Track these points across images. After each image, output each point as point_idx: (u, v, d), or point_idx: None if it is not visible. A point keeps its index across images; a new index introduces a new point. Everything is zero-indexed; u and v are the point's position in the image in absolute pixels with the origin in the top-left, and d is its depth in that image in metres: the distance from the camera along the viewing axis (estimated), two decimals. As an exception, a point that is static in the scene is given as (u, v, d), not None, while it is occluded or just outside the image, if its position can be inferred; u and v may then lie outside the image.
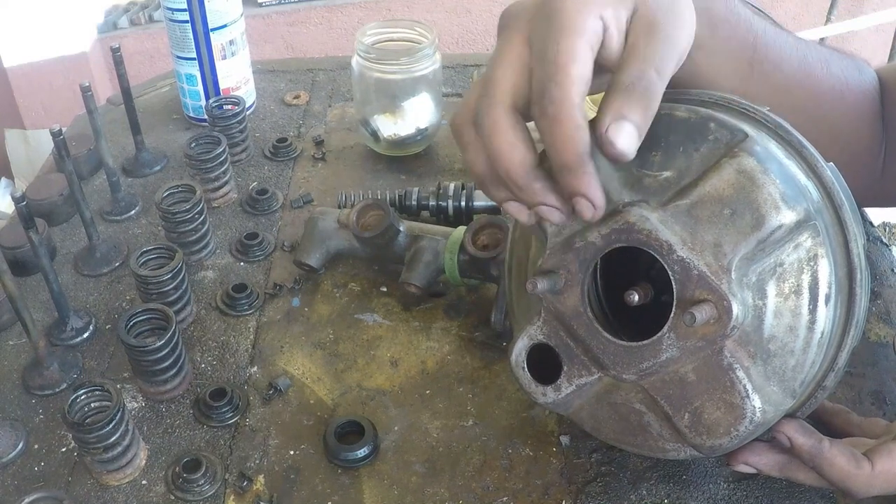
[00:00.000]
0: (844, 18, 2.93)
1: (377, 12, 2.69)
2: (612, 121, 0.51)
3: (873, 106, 0.79)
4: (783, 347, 0.54)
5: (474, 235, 0.81)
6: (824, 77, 0.74)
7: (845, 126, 0.77)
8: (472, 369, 0.78)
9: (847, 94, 0.76)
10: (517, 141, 0.53)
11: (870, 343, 0.80)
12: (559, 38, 0.51)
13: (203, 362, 0.80)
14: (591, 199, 0.52)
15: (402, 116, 1.05)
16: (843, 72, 0.76)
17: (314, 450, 0.71)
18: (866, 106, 0.78)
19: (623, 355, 0.56)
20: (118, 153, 1.08)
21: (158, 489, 0.68)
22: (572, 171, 0.51)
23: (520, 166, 0.53)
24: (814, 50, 0.74)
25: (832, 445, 0.57)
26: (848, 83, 0.76)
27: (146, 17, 2.55)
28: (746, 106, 0.58)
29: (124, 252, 0.93)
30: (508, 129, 0.53)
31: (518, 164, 0.53)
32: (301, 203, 1.00)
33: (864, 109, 0.78)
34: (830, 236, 0.54)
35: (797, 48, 0.72)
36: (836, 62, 0.76)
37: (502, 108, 0.53)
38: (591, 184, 0.52)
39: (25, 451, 0.71)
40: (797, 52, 0.72)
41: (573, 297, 0.58)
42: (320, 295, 0.87)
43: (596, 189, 0.52)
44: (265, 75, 1.27)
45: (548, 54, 0.51)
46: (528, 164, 0.53)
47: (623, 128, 0.51)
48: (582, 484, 0.68)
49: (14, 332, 0.83)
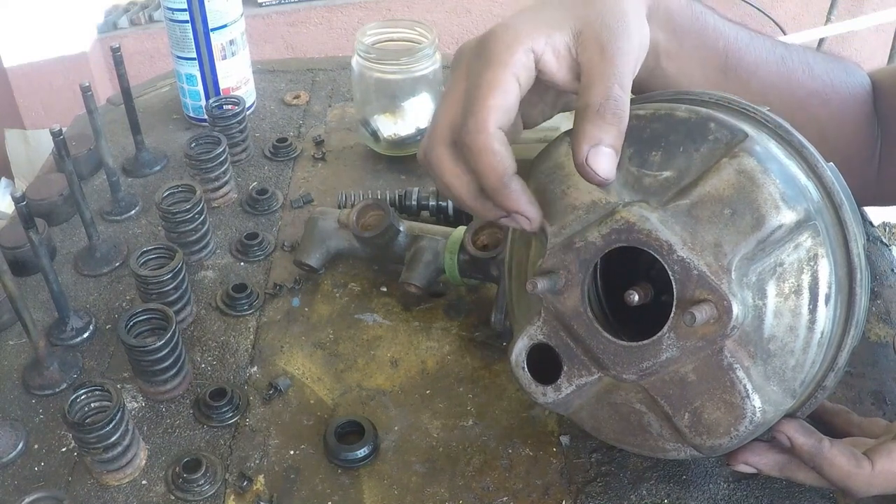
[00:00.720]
0: (844, 18, 2.93)
1: (377, 12, 2.69)
2: (589, 148, 0.53)
3: (864, 108, 0.78)
4: (783, 347, 0.54)
5: (474, 235, 0.81)
6: (806, 80, 0.74)
7: (833, 128, 0.77)
8: (472, 369, 0.78)
9: (832, 96, 0.76)
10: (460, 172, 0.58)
11: (870, 343, 0.80)
12: (484, 71, 0.56)
13: (203, 362, 0.80)
14: (524, 213, 0.57)
15: (402, 116, 1.05)
16: (828, 74, 0.76)
17: (314, 450, 0.71)
18: (856, 108, 0.78)
19: (623, 355, 0.56)
20: (118, 153, 1.08)
21: (158, 489, 0.68)
22: (499, 192, 0.56)
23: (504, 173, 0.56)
24: (794, 53, 0.74)
25: (832, 445, 0.57)
26: (833, 85, 0.76)
27: (146, 17, 2.55)
28: (746, 106, 0.58)
29: (124, 252, 0.93)
30: (446, 161, 0.58)
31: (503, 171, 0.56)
32: (301, 203, 1.00)
33: (854, 112, 0.78)
34: (830, 236, 0.54)
35: (775, 51, 0.73)
36: (820, 65, 0.76)
37: (441, 145, 0.58)
38: (520, 200, 0.56)
39: (25, 451, 0.71)
40: (775, 55, 0.73)
41: (573, 297, 0.58)
42: (320, 295, 0.87)
43: (526, 204, 0.56)
44: (265, 75, 1.27)
45: (470, 88, 0.56)
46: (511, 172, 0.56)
47: (601, 153, 0.53)
48: (582, 484, 0.68)
49: (14, 332, 0.83)
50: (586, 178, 0.54)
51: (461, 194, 0.58)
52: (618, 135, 0.54)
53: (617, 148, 0.54)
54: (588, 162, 0.53)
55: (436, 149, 0.59)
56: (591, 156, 0.53)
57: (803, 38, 2.77)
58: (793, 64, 0.74)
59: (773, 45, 0.73)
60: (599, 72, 0.54)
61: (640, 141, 0.57)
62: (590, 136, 0.53)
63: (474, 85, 0.56)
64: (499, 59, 0.55)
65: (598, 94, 0.54)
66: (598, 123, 0.53)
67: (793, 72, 0.74)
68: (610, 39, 0.55)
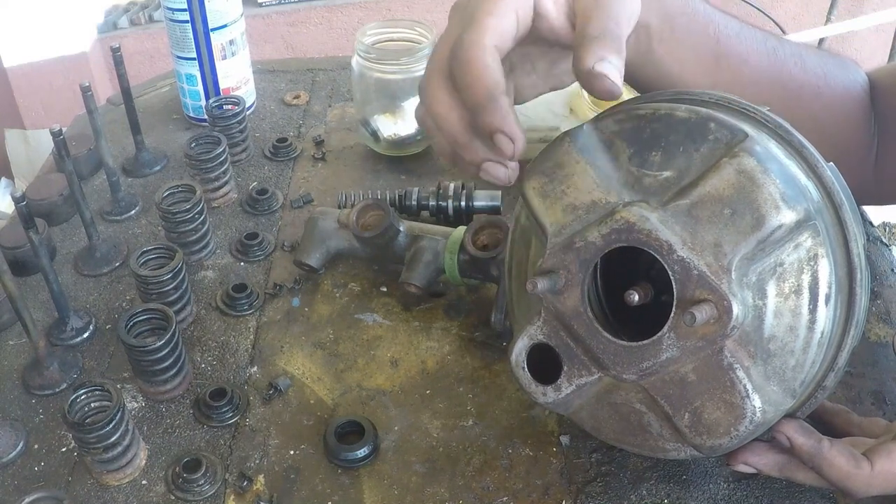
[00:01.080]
0: (844, 18, 2.93)
1: (377, 12, 2.69)
2: (594, 60, 0.53)
3: (860, 104, 0.78)
4: (783, 347, 0.54)
5: (474, 235, 0.81)
6: (798, 72, 0.74)
7: (829, 122, 0.77)
8: (472, 369, 0.78)
9: (825, 89, 0.76)
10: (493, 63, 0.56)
11: (870, 343, 0.80)
12: (482, 2, 0.56)
13: (203, 362, 0.80)
14: (509, 133, 0.55)
15: (402, 116, 1.05)
16: (821, 67, 0.76)
17: (314, 450, 0.71)
18: (851, 103, 0.78)
19: (623, 355, 0.56)
20: (118, 153, 1.08)
21: (158, 489, 0.68)
22: (485, 107, 0.54)
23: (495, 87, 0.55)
24: (786, 45, 0.75)
25: (832, 445, 0.57)
26: (826, 79, 0.76)
27: (146, 17, 2.55)
28: (746, 106, 0.58)
29: (124, 252, 0.93)
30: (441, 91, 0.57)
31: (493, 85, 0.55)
32: (301, 203, 1.00)
33: (849, 107, 0.78)
34: (830, 236, 0.54)
35: (766, 42, 0.73)
36: (813, 58, 0.76)
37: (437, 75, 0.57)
38: (506, 118, 0.54)
39: (25, 451, 0.71)
40: (766, 45, 0.73)
41: (573, 297, 0.58)
42: (320, 295, 0.87)
43: (511, 123, 0.55)
44: (265, 75, 1.27)
45: (469, 11, 0.56)
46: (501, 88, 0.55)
47: (606, 65, 0.53)
48: (582, 484, 0.68)
49: (14, 332, 0.83)
50: (593, 87, 0.54)
51: (450, 125, 0.58)
52: (618, 56, 0.53)
53: (620, 68, 0.53)
54: (596, 67, 0.52)
55: (431, 79, 0.58)
56: (597, 65, 0.53)
57: (803, 38, 2.77)
58: (784, 56, 0.74)
59: (765, 37, 0.74)
60: (596, 14, 0.55)
61: (640, 141, 0.57)
62: (592, 51, 0.53)
63: (473, 7, 0.56)
64: None
65: (596, 25, 0.54)
66: (599, 43, 0.53)
67: (784, 63, 0.74)
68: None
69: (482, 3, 0.56)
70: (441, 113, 0.58)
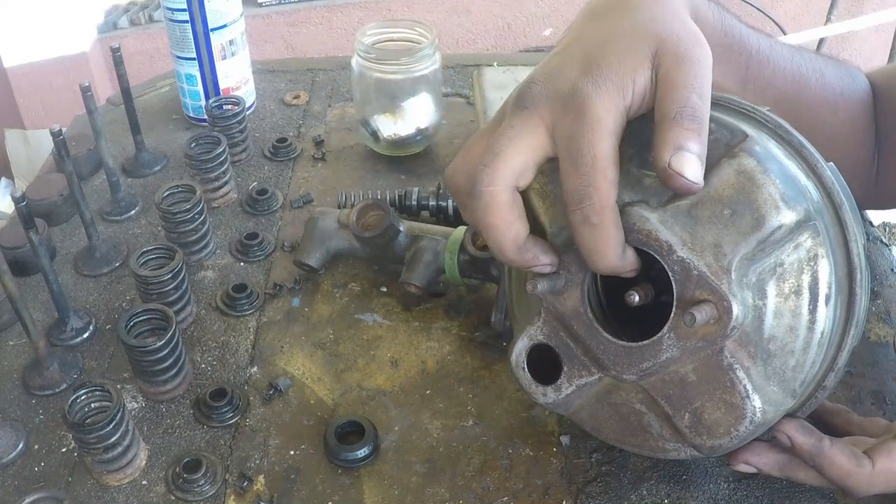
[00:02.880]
0: (844, 18, 2.93)
1: (377, 12, 2.69)
2: (671, 153, 0.50)
3: (867, 114, 0.78)
4: (783, 347, 0.54)
5: (474, 235, 0.81)
6: (818, 88, 0.74)
7: (841, 136, 0.77)
8: (473, 369, 0.78)
9: (841, 104, 0.76)
10: (513, 219, 0.55)
11: (870, 343, 0.80)
12: (594, 140, 0.51)
13: (203, 362, 0.80)
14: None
15: (402, 116, 1.05)
16: (839, 81, 0.76)
17: (314, 450, 0.71)
18: (860, 115, 0.78)
19: (623, 355, 0.56)
20: (118, 153, 1.08)
21: (159, 489, 0.68)
22: (615, 268, 0.54)
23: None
24: (809, 60, 0.74)
25: (832, 444, 0.57)
26: (843, 93, 0.76)
27: (146, 17, 2.55)
28: (746, 106, 0.58)
29: (124, 252, 0.93)
30: (505, 207, 0.54)
31: (511, 241, 0.55)
32: (301, 203, 1.00)
33: (858, 119, 0.78)
34: (830, 236, 0.54)
35: (792, 60, 0.72)
36: (832, 71, 0.76)
37: (503, 186, 0.54)
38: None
39: (25, 451, 0.71)
40: (792, 64, 0.72)
41: (573, 298, 0.58)
42: (320, 295, 0.87)
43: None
44: (265, 75, 1.27)
45: (584, 157, 0.51)
46: (521, 239, 0.55)
47: (685, 157, 0.50)
48: (582, 484, 0.68)
49: (14, 332, 0.83)
50: (672, 184, 0.51)
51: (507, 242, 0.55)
52: (699, 140, 0.51)
53: (700, 155, 0.51)
54: (672, 166, 0.50)
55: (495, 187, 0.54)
56: (674, 160, 0.50)
57: (803, 38, 2.77)
58: (808, 73, 0.73)
59: (791, 53, 0.72)
60: (675, 83, 0.52)
61: (640, 141, 0.57)
62: (670, 140, 0.50)
63: (588, 154, 0.51)
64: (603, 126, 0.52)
65: (675, 102, 0.51)
66: (677, 130, 0.50)
67: (807, 80, 0.73)
68: (686, 51, 0.53)
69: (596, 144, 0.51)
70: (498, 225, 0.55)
